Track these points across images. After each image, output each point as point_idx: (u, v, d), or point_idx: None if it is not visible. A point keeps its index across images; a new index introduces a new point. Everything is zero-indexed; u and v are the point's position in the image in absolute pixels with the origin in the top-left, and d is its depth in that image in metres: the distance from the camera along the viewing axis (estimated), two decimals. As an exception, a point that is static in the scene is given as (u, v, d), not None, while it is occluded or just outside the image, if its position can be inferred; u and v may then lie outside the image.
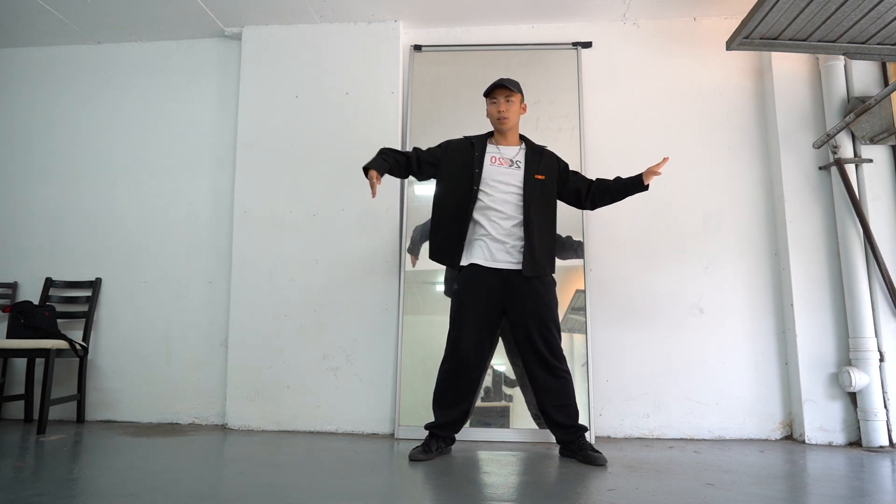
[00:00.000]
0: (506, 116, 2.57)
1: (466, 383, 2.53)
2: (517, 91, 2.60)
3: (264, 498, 1.87)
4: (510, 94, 2.58)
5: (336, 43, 3.56)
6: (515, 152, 2.62)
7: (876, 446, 2.78)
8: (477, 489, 2.03)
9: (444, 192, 2.61)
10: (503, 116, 2.57)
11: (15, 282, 3.64)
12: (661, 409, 3.11)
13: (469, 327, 2.50)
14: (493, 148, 2.63)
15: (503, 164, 2.57)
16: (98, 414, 3.47)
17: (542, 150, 2.66)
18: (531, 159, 2.59)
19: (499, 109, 2.57)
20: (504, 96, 2.58)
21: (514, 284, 2.49)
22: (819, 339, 3.00)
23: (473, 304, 2.51)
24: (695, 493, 1.97)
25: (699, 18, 3.46)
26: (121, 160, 3.70)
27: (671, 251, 3.25)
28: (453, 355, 2.51)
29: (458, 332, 2.50)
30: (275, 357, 3.29)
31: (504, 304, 2.53)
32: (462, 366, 2.49)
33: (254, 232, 3.42)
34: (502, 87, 2.57)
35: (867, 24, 2.60)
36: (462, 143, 2.66)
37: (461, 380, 2.52)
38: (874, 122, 2.99)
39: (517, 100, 2.61)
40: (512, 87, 2.57)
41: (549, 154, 2.67)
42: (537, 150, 2.64)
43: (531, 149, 2.64)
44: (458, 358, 2.49)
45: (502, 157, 2.59)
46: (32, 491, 1.92)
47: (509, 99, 2.58)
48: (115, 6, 3.43)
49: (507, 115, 2.57)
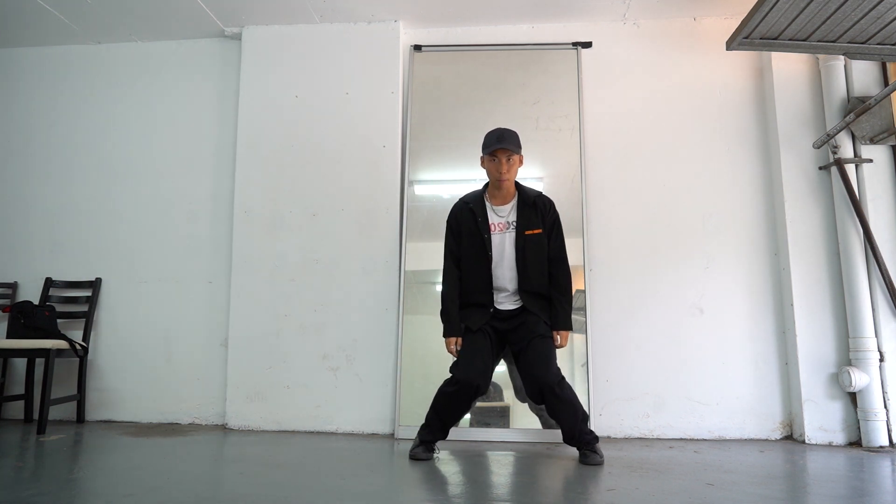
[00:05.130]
0: (507, 178, 2.56)
1: (468, 405, 2.56)
2: (518, 151, 2.57)
3: (264, 498, 1.87)
4: (511, 154, 2.54)
5: (336, 43, 3.56)
6: (509, 211, 2.62)
7: (876, 446, 2.78)
8: (477, 489, 2.03)
9: (466, 262, 2.62)
10: (504, 178, 2.56)
11: (15, 282, 3.64)
12: (661, 409, 3.11)
13: (479, 357, 2.50)
14: (490, 209, 2.62)
15: (503, 230, 2.60)
16: (98, 414, 3.47)
17: (535, 201, 2.61)
18: (522, 215, 2.58)
19: (499, 170, 2.54)
20: (506, 156, 2.54)
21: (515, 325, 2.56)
22: (819, 339, 3.00)
23: (484, 332, 2.54)
24: (695, 493, 1.97)
25: (699, 18, 3.46)
26: (121, 160, 3.70)
27: (671, 251, 3.25)
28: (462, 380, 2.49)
29: (469, 361, 2.49)
30: (275, 357, 3.29)
31: (506, 334, 2.59)
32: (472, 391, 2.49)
33: (254, 232, 3.42)
34: (504, 149, 2.52)
35: (867, 24, 2.60)
36: (465, 213, 2.65)
37: (469, 402, 2.53)
38: (874, 122, 2.99)
39: (517, 159, 2.58)
40: (514, 148, 2.53)
41: (542, 204, 2.62)
42: (529, 203, 2.60)
43: (523, 202, 2.61)
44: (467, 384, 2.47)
45: (499, 221, 2.61)
46: (32, 491, 1.92)
47: (510, 159, 2.55)
48: (115, 6, 3.43)
49: (508, 175, 2.56)
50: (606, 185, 3.34)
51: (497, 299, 2.59)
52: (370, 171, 3.41)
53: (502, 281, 2.57)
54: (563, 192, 3.20)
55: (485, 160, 2.60)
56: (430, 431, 2.55)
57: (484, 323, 2.55)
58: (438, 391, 2.54)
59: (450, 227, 2.68)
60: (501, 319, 2.58)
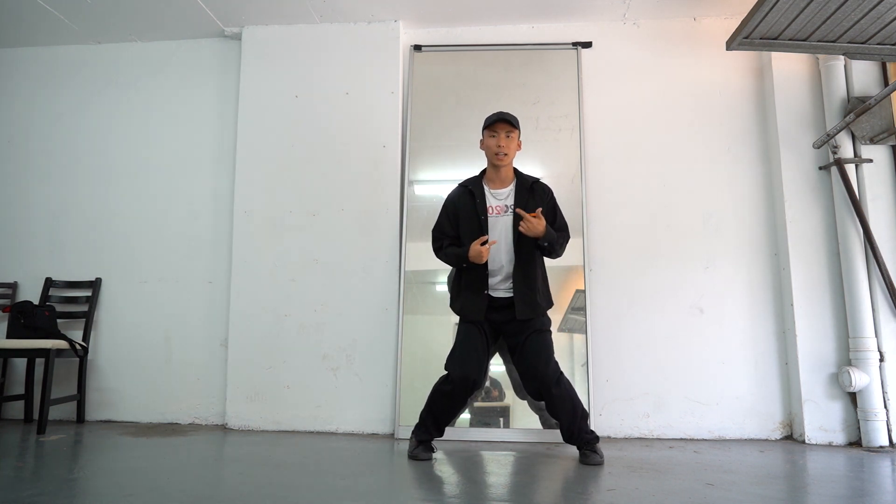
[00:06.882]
0: (505, 153, 2.56)
1: (465, 401, 2.56)
2: (517, 127, 2.58)
3: (264, 498, 1.87)
4: (511, 129, 2.56)
5: (336, 43, 3.56)
6: (507, 194, 2.62)
7: (876, 446, 2.78)
8: (477, 489, 2.03)
9: (465, 244, 2.60)
10: (503, 152, 2.55)
11: (15, 282, 3.64)
12: (661, 409, 3.11)
13: (474, 352, 2.50)
14: (487, 192, 2.63)
15: (500, 213, 2.60)
16: (98, 414, 3.47)
17: (533, 186, 2.62)
18: (520, 198, 2.59)
19: (499, 144, 2.55)
20: (505, 131, 2.55)
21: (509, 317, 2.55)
22: (819, 339, 3.00)
23: (479, 326, 2.55)
24: (695, 493, 1.97)
25: (699, 18, 3.46)
26: (121, 160, 3.70)
27: (671, 251, 3.25)
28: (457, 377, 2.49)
29: (464, 356, 2.50)
30: (275, 357, 3.29)
31: (501, 326, 2.58)
32: (469, 387, 2.49)
33: (254, 232, 3.42)
34: (504, 122, 2.54)
35: (867, 24, 2.60)
36: (463, 195, 2.65)
37: (465, 398, 2.53)
38: (874, 122, 2.99)
39: (516, 136, 2.59)
40: (514, 122, 2.55)
41: (539, 188, 2.63)
42: (527, 187, 2.62)
43: (521, 185, 2.62)
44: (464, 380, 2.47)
45: (497, 204, 2.61)
46: (32, 491, 1.92)
47: (510, 134, 2.56)
48: (115, 6, 3.43)
49: (507, 150, 2.56)
50: (606, 185, 3.34)
51: (491, 284, 2.57)
52: (370, 171, 3.41)
53: (497, 264, 2.57)
54: (563, 192, 3.19)
55: (484, 138, 2.61)
56: (425, 430, 2.55)
57: (482, 313, 2.54)
58: (434, 389, 2.54)
59: (445, 209, 2.69)
60: (495, 309, 2.56)
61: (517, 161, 2.73)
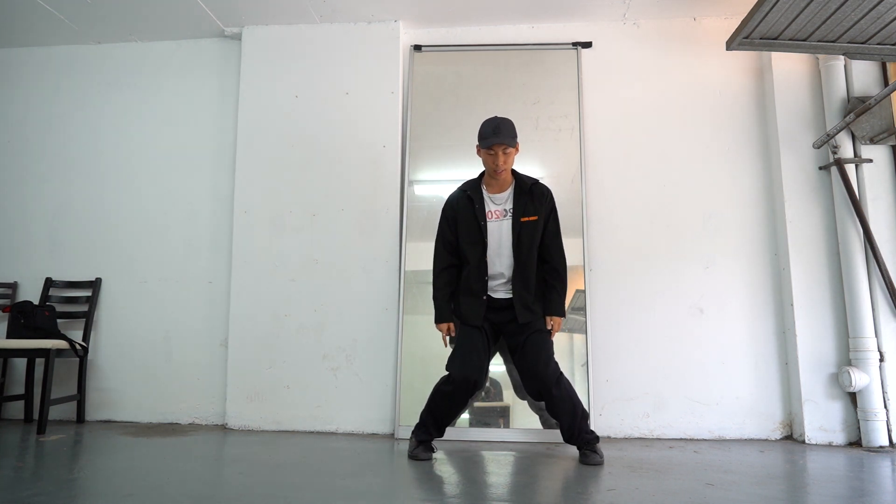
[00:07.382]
0: (503, 169, 2.57)
1: (466, 402, 2.56)
2: (514, 143, 2.56)
3: (264, 498, 1.87)
4: (507, 147, 2.54)
5: (336, 43, 3.56)
6: (506, 198, 2.62)
7: (876, 446, 2.78)
8: (477, 489, 2.03)
9: (465, 249, 2.61)
10: (501, 168, 2.56)
11: (15, 282, 3.64)
12: (661, 409, 3.11)
13: (475, 353, 2.50)
14: (486, 197, 2.63)
15: (499, 218, 2.60)
16: (98, 414, 3.47)
17: (532, 189, 2.62)
18: (518, 202, 2.59)
19: (496, 163, 2.55)
20: (502, 150, 2.54)
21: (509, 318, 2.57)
22: (819, 339, 3.00)
23: (479, 327, 2.56)
24: (695, 493, 1.97)
25: (699, 18, 3.46)
26: (121, 160, 3.70)
27: (671, 251, 3.25)
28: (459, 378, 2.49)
29: (466, 357, 2.49)
30: (275, 357, 3.29)
31: (501, 326, 2.60)
32: (470, 388, 2.49)
33: (254, 232, 3.42)
34: (500, 143, 2.52)
35: (867, 24, 2.60)
36: (462, 200, 2.66)
37: (466, 399, 2.53)
38: (874, 122, 2.99)
39: (514, 151, 2.59)
40: (511, 141, 2.52)
41: (538, 191, 2.63)
42: (525, 190, 2.61)
43: (520, 189, 2.61)
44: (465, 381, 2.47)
45: (496, 208, 2.62)
46: (32, 491, 1.92)
47: (506, 151, 2.55)
48: (115, 6, 3.43)
49: (505, 166, 2.57)
50: (606, 185, 3.34)
51: (491, 287, 2.59)
52: (370, 171, 3.41)
53: (497, 268, 2.58)
54: (563, 192, 3.20)
55: (482, 154, 2.61)
56: (425, 430, 2.55)
57: (480, 317, 2.55)
58: (434, 389, 2.54)
59: (445, 214, 2.70)
60: (495, 310, 2.58)
61: (517, 162, 2.72)
